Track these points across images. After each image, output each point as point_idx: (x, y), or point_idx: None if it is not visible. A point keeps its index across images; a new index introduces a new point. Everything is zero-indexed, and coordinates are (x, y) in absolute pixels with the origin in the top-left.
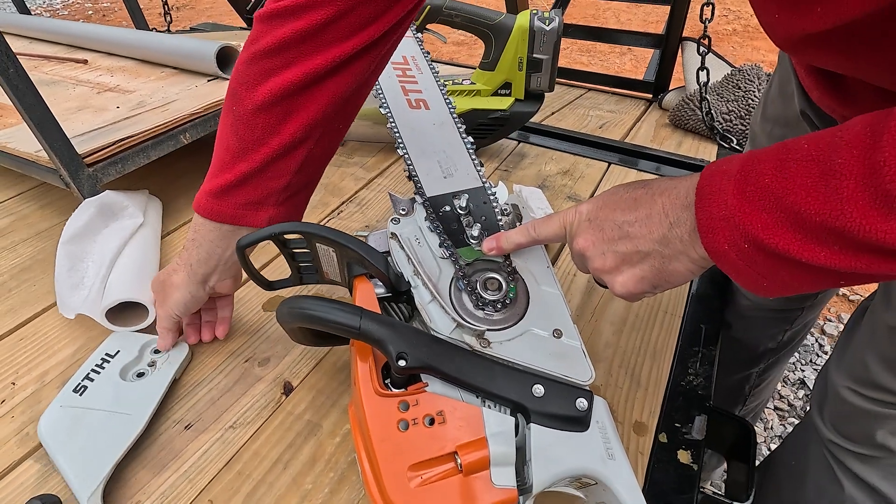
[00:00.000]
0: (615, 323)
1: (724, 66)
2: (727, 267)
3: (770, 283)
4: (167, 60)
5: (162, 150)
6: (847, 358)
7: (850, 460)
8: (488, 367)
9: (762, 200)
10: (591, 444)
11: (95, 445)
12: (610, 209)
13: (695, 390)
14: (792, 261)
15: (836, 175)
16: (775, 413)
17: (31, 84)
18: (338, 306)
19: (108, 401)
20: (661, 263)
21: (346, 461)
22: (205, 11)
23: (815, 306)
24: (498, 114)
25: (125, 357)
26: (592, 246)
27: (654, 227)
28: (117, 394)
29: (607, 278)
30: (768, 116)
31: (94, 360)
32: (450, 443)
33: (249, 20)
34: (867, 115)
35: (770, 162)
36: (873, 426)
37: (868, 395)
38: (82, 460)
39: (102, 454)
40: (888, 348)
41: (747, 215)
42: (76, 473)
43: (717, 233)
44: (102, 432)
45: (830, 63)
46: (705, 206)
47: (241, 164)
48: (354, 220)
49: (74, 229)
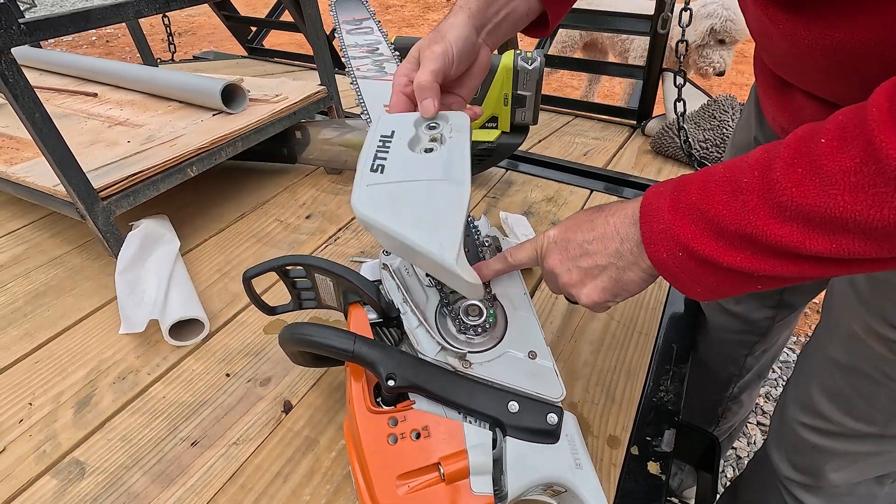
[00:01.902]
0: (593, 343)
1: (701, 95)
2: (665, 274)
3: (702, 287)
4: (175, 95)
5: (170, 182)
6: (797, 389)
7: (798, 490)
8: (469, 387)
9: (691, 215)
10: (561, 454)
11: (434, 211)
12: (572, 231)
13: (665, 406)
14: (716, 265)
15: (743, 192)
16: (758, 428)
17: (54, 127)
18: (334, 332)
19: (417, 172)
20: (617, 274)
21: (341, 474)
22: (206, 37)
23: (770, 338)
24: (485, 145)
25: (404, 134)
26: (560, 264)
27: (609, 243)
28: (422, 165)
29: (574, 291)
30: (734, 143)
31: (371, 144)
32: (434, 454)
33: (250, 48)
34: (767, 144)
35: (696, 183)
36: (820, 460)
37: (814, 426)
38: (428, 226)
39: (447, 217)
40: (828, 380)
41: (680, 227)
42: (428, 238)
43: (658, 244)
44: (432, 199)
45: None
46: (647, 222)
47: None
48: (350, 245)
49: (127, 260)
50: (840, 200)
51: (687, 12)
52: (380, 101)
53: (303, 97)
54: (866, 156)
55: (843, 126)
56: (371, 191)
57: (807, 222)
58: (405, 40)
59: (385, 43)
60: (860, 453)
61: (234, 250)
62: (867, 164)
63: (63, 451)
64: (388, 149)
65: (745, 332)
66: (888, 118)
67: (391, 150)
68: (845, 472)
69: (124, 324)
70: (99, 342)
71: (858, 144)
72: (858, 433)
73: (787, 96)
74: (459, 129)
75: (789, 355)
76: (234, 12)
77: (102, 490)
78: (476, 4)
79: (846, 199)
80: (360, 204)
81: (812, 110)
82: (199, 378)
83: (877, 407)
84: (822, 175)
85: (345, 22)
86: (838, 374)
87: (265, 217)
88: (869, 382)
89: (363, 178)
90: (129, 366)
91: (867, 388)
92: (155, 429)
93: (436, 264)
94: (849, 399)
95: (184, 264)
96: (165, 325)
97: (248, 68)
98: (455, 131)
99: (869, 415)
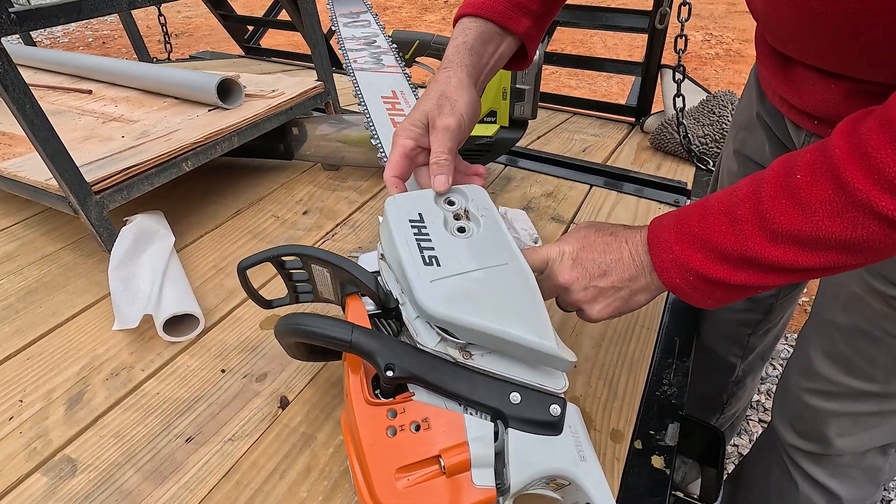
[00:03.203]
0: (594, 338)
1: (700, 91)
2: (678, 293)
3: (711, 300)
4: (170, 91)
5: (165, 177)
6: (799, 357)
7: (803, 461)
8: (469, 377)
9: (695, 244)
10: (564, 446)
11: (512, 301)
12: (589, 251)
13: (668, 400)
14: (725, 284)
15: (739, 222)
16: (760, 425)
17: (45, 119)
18: (331, 322)
19: (473, 259)
20: (629, 295)
21: (339, 470)
22: (203, 38)
23: (774, 315)
24: (484, 140)
25: (434, 217)
26: (577, 281)
27: (626, 269)
28: (474, 250)
29: (586, 307)
30: (735, 122)
31: (404, 232)
32: (434, 447)
33: (247, 48)
34: (750, 177)
35: (695, 216)
36: (824, 425)
37: (816, 389)
38: (515, 316)
39: (527, 303)
40: (828, 343)
41: (688, 257)
42: (523, 329)
43: (670, 272)
44: (505, 286)
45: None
46: (657, 253)
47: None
48: (348, 241)
49: (120, 255)
50: (822, 225)
51: (686, 6)
52: (377, 92)
53: (299, 93)
54: (837, 188)
55: (812, 164)
56: (437, 287)
57: (797, 244)
58: (403, 34)
59: (382, 36)
60: (862, 413)
61: (229, 246)
62: (839, 195)
63: (54, 449)
64: (428, 236)
65: (748, 311)
66: (849, 157)
67: (433, 237)
68: (850, 438)
69: (118, 320)
70: (92, 339)
71: (828, 179)
72: (860, 392)
73: (791, 71)
74: (486, 205)
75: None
76: (231, 11)
77: (94, 487)
78: (469, 59)
79: (827, 223)
80: (433, 303)
81: (814, 81)
82: (194, 374)
83: (877, 365)
84: (804, 205)
85: (342, 15)
86: (838, 336)
87: (261, 213)
88: (869, 341)
89: (422, 274)
90: (123, 362)
91: (867, 347)
92: (148, 425)
93: (534, 352)
94: (849, 359)
95: (178, 260)
96: (160, 320)
97: (245, 67)
98: (483, 208)
99: (870, 373)
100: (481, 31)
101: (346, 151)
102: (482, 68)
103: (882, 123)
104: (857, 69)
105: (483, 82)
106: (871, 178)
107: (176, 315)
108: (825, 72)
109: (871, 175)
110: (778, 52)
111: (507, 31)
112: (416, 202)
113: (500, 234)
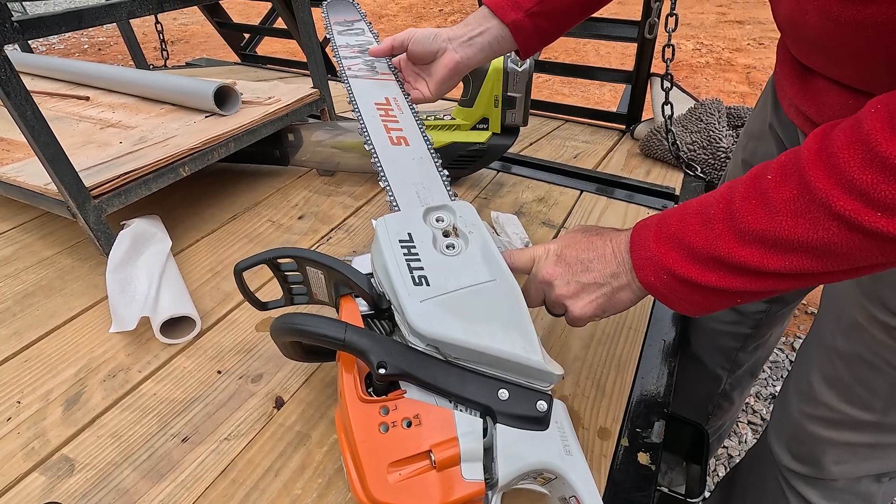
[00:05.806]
0: (583, 338)
1: (688, 99)
2: (655, 294)
3: (689, 304)
4: (167, 98)
5: (162, 182)
6: (798, 380)
7: (797, 482)
8: (459, 375)
9: (671, 243)
10: (551, 441)
11: (500, 317)
12: (573, 249)
13: (655, 398)
14: (695, 285)
15: (712, 221)
16: (749, 427)
17: (45, 124)
18: (325, 321)
19: (462, 277)
20: (611, 292)
21: (333, 468)
22: (199, 45)
23: (762, 332)
24: (476, 146)
25: (423, 235)
26: (560, 276)
27: (608, 265)
28: (462, 267)
29: (568, 302)
30: (747, 131)
31: (394, 251)
32: (425, 442)
33: (243, 55)
34: (730, 181)
35: (675, 216)
36: (821, 451)
37: (814, 415)
38: (503, 332)
39: (514, 319)
40: (828, 368)
41: (663, 254)
42: (511, 345)
43: (646, 269)
44: (489, 305)
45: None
46: (636, 250)
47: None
48: (343, 245)
49: (118, 258)
50: (785, 225)
51: (673, 17)
52: (370, 99)
53: (295, 99)
54: (801, 188)
55: (784, 164)
56: (427, 307)
57: (763, 244)
58: None
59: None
60: (859, 444)
61: (225, 250)
62: (802, 195)
63: (52, 449)
64: (417, 256)
65: (737, 324)
66: (815, 157)
67: (422, 256)
68: (845, 465)
69: (115, 322)
70: (89, 341)
71: (795, 179)
72: (857, 421)
73: (810, 82)
74: (474, 222)
75: (778, 355)
76: (227, 19)
77: (92, 486)
78: (460, 27)
79: (789, 223)
80: (423, 323)
81: (832, 93)
82: (191, 375)
83: (876, 393)
84: (770, 205)
85: (336, 23)
86: (838, 362)
87: (257, 218)
88: (868, 369)
89: (412, 294)
90: (120, 363)
91: (867, 375)
92: (145, 425)
93: (522, 367)
94: (848, 386)
95: (175, 263)
96: (156, 322)
97: (241, 74)
98: (471, 224)
99: (868, 401)
100: (481, 11)
101: (341, 157)
102: (464, 33)
103: (853, 125)
104: (879, 84)
105: (463, 45)
106: (832, 177)
107: (173, 317)
108: (845, 85)
109: (832, 175)
110: (799, 63)
111: (495, 16)
112: (405, 222)
113: (487, 249)
